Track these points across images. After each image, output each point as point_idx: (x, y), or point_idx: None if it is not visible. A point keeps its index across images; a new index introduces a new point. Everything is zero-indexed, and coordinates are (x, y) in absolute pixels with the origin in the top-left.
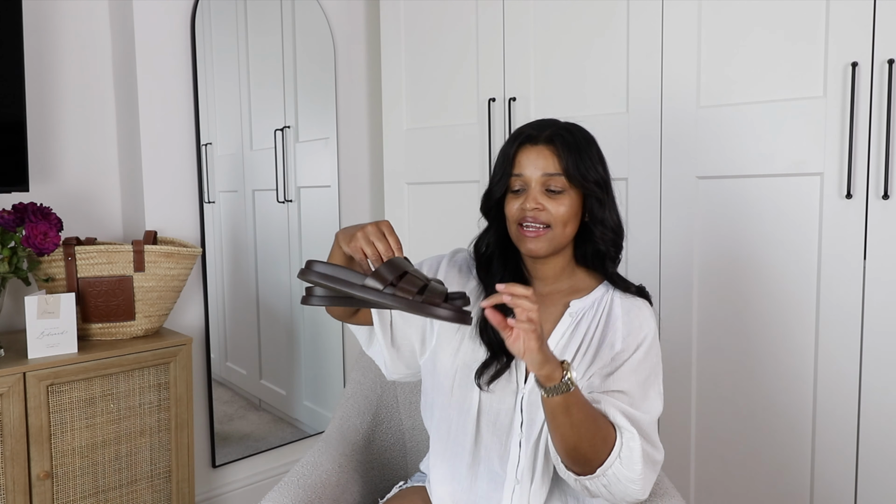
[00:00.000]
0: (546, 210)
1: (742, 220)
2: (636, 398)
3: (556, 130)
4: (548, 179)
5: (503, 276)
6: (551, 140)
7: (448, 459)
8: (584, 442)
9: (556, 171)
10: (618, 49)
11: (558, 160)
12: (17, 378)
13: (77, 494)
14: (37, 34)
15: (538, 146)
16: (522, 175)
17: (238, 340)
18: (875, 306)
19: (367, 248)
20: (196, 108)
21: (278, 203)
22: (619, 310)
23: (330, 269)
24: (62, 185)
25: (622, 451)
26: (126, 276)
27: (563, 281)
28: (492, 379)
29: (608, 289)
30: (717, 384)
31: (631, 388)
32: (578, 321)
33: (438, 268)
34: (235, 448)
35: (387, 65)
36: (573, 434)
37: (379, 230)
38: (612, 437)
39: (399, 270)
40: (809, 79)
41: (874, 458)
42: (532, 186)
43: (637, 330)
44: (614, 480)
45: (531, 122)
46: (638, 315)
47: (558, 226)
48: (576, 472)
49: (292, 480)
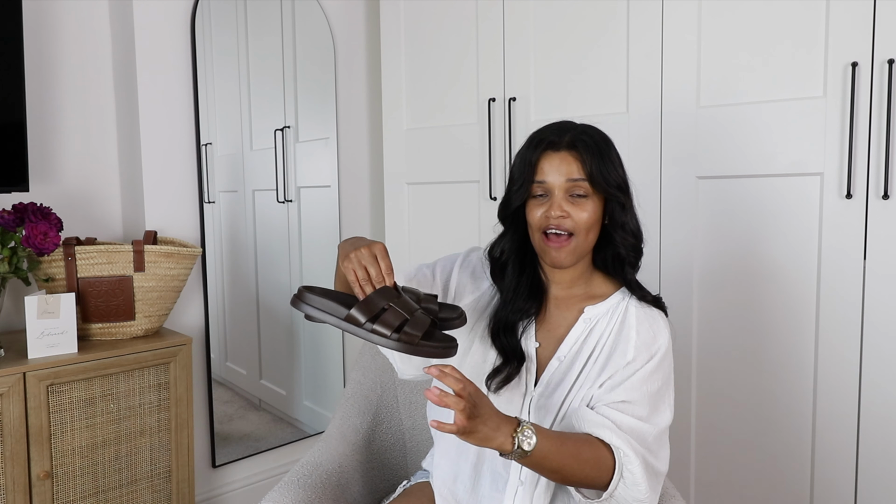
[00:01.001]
0: (570, 217)
1: (742, 220)
2: (644, 410)
3: (576, 135)
4: (572, 185)
5: (518, 284)
6: (573, 145)
7: (453, 459)
8: (572, 479)
9: (581, 177)
10: (618, 49)
11: (582, 165)
12: (17, 378)
13: (77, 494)
14: (37, 34)
15: (561, 152)
16: (545, 182)
17: (238, 340)
18: (875, 306)
19: (359, 272)
20: (196, 108)
21: (278, 203)
22: (634, 319)
23: (318, 301)
24: (62, 185)
25: (623, 473)
26: (126, 276)
27: (579, 286)
28: (502, 384)
29: (624, 296)
30: (717, 384)
31: (639, 398)
32: (592, 328)
33: (451, 272)
34: (235, 448)
35: (387, 65)
36: (558, 476)
37: (371, 254)
38: (606, 462)
39: (380, 305)
40: (809, 79)
41: (874, 457)
42: (556, 193)
43: (651, 341)
44: (622, 501)
45: (548, 127)
46: (653, 326)
47: (581, 233)
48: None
49: (292, 480)
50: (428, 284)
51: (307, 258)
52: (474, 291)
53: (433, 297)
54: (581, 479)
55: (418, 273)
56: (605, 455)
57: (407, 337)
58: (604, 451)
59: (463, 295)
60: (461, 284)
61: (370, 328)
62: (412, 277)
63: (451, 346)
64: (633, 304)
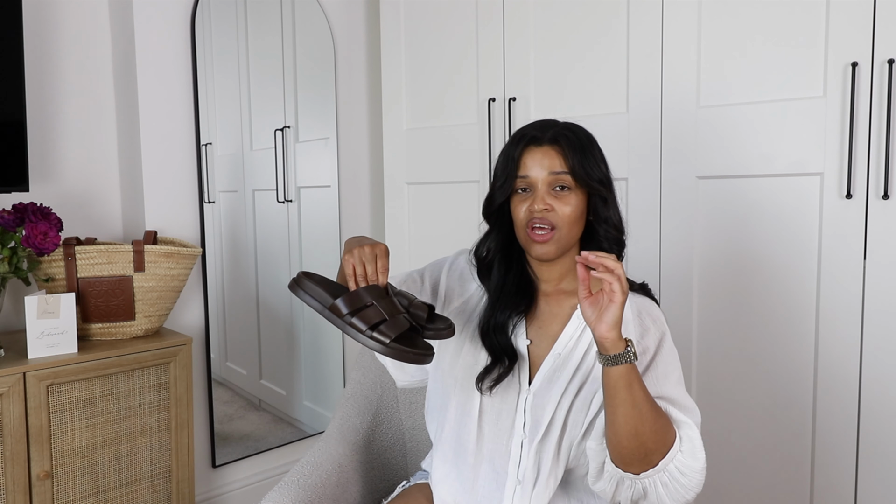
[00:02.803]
0: (554, 210)
1: (742, 220)
2: (675, 401)
3: (559, 130)
4: (554, 179)
5: (504, 282)
6: (556, 140)
7: (450, 460)
8: (646, 425)
9: (563, 170)
10: (618, 49)
11: (564, 159)
12: (17, 378)
13: (77, 494)
14: (37, 34)
15: (543, 147)
16: (528, 176)
17: (238, 340)
18: (875, 306)
19: (358, 268)
20: (196, 108)
21: (278, 203)
22: (630, 312)
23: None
24: (62, 185)
25: (683, 443)
26: (126, 276)
27: (569, 281)
28: (494, 383)
29: None
30: (717, 384)
31: (666, 392)
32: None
33: (440, 277)
34: (235, 448)
35: (387, 65)
36: (635, 414)
37: (373, 253)
38: (671, 428)
39: (365, 300)
40: (809, 79)
41: (874, 457)
42: (539, 187)
43: (651, 331)
44: (677, 475)
45: (531, 124)
46: (649, 316)
47: (565, 226)
48: (633, 472)
49: (292, 480)
50: (417, 290)
51: (307, 258)
52: (462, 294)
53: (425, 306)
54: (652, 428)
55: (408, 279)
56: (671, 427)
57: (381, 335)
58: (671, 424)
59: (451, 299)
60: (450, 289)
61: (349, 321)
62: (402, 283)
63: (426, 354)
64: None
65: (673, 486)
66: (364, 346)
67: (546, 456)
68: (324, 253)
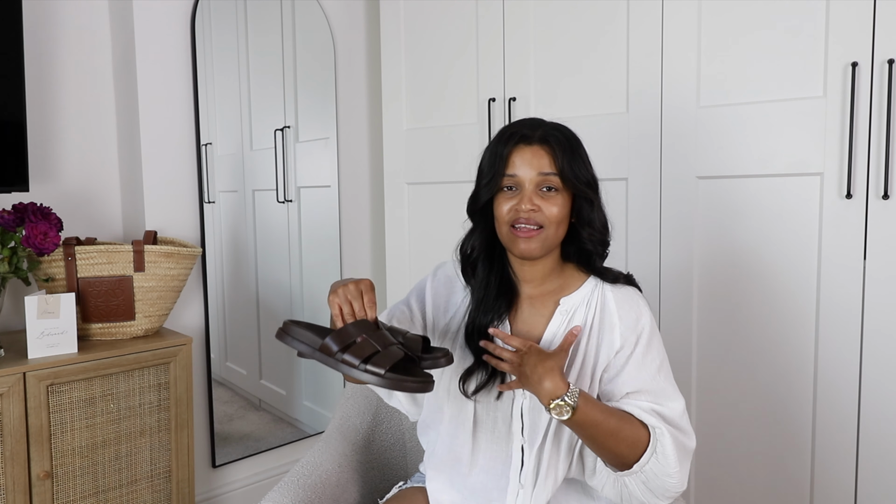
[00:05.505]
0: (541, 211)
1: (742, 220)
2: (656, 394)
3: (548, 130)
4: (543, 179)
5: (489, 282)
6: (545, 140)
7: (445, 470)
8: (609, 451)
9: (552, 171)
10: (618, 49)
11: (553, 160)
12: (17, 378)
13: (77, 494)
14: (37, 34)
15: (533, 146)
16: (516, 175)
17: (238, 340)
18: (875, 306)
19: (344, 307)
20: (196, 108)
21: (278, 203)
22: (614, 304)
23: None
24: (62, 185)
25: (656, 448)
26: (126, 276)
27: (552, 281)
28: (478, 388)
29: (597, 282)
30: (717, 384)
31: (645, 384)
32: (571, 317)
33: (424, 297)
34: (235, 448)
35: (387, 65)
36: (595, 445)
37: (357, 289)
38: (643, 438)
39: (354, 336)
40: (809, 79)
41: (874, 457)
42: (526, 187)
43: (634, 322)
44: (652, 476)
45: (519, 121)
46: (633, 306)
47: (551, 226)
48: (615, 468)
49: (292, 480)
50: (407, 318)
51: (307, 258)
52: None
53: (419, 337)
54: (615, 452)
55: (395, 311)
56: (642, 433)
57: (375, 367)
58: (643, 432)
59: (440, 313)
60: (436, 306)
61: (340, 357)
62: (390, 317)
63: (427, 382)
64: (608, 289)
65: (653, 482)
66: (361, 381)
67: (547, 458)
68: (324, 253)
